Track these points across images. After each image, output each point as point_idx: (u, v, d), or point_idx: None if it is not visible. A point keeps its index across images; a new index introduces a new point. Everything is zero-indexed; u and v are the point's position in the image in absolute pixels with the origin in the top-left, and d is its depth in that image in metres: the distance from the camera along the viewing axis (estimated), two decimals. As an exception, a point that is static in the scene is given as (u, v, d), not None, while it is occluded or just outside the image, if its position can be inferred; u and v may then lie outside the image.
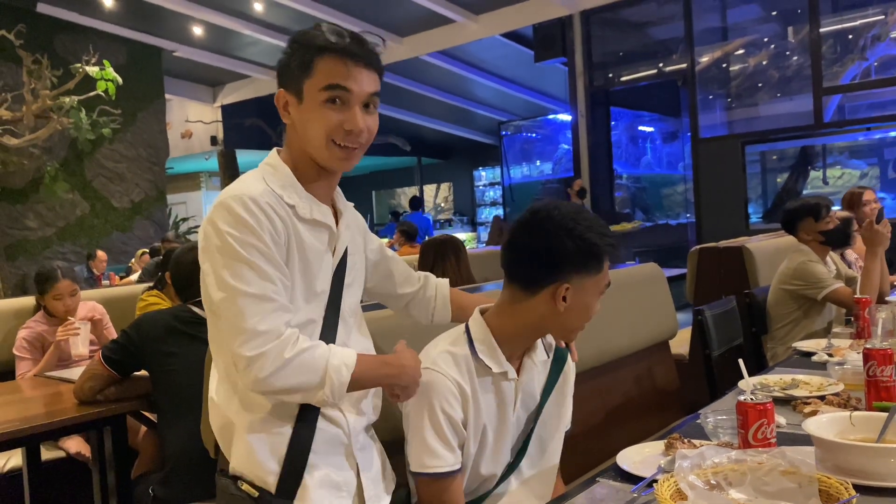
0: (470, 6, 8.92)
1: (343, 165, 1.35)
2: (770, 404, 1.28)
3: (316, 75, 1.29)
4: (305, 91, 1.31)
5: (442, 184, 16.98)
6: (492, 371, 1.46)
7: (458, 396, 1.43)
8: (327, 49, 1.29)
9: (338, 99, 1.30)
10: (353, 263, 1.45)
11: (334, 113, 1.30)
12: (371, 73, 1.32)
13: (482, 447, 1.48)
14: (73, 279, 3.26)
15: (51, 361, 3.10)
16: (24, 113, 7.35)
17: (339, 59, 1.29)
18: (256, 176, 1.34)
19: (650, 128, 12.60)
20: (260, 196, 1.27)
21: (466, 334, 1.49)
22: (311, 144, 1.33)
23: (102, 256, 8.02)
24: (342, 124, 1.30)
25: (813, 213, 3.23)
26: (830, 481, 1.08)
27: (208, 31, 9.89)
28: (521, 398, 1.53)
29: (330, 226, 1.37)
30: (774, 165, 9.91)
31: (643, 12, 8.59)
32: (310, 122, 1.31)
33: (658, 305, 2.92)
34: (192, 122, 12.70)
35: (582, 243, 1.41)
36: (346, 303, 1.42)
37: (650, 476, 1.32)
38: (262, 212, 1.25)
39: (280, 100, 1.35)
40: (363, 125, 1.32)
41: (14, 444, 2.31)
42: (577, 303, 1.45)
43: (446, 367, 1.43)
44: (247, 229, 1.24)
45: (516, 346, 1.51)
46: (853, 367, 1.91)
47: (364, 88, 1.31)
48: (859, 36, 7.62)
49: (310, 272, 1.33)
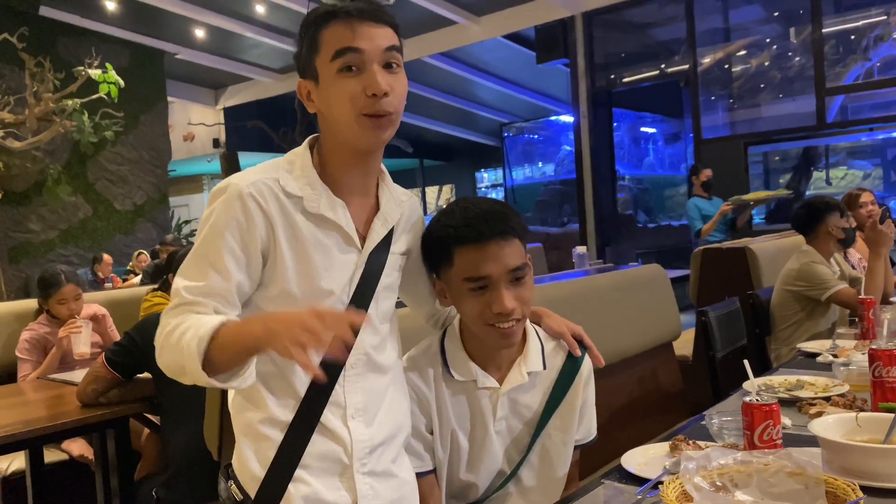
0: (472, 8, 8.92)
1: (376, 138, 1.22)
2: (776, 405, 1.27)
3: (324, 47, 1.20)
4: (319, 68, 1.21)
5: (444, 186, 16.98)
6: (456, 379, 1.44)
7: (417, 399, 1.42)
8: (329, 16, 1.20)
9: (352, 65, 1.18)
10: (394, 263, 1.33)
11: (353, 80, 1.18)
12: (382, 27, 1.21)
13: (455, 453, 1.46)
14: (76, 283, 3.26)
15: (53, 363, 3.09)
16: (26, 116, 7.36)
17: (344, 23, 1.19)
18: (274, 163, 1.26)
19: (652, 129, 12.60)
20: (248, 187, 1.19)
21: (440, 341, 1.48)
22: (338, 125, 1.21)
23: (108, 260, 8.01)
24: (364, 90, 1.17)
25: (840, 209, 3.27)
26: (837, 483, 1.08)
27: (210, 33, 9.90)
28: (509, 407, 1.47)
29: (341, 225, 1.25)
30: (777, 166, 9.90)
31: (645, 13, 8.59)
32: (331, 100, 1.20)
33: (662, 307, 2.91)
34: (195, 124, 12.71)
35: (428, 238, 1.41)
36: (376, 307, 1.30)
37: (655, 478, 1.31)
38: (240, 205, 1.18)
39: (302, 91, 1.26)
40: (386, 86, 1.18)
41: (17, 446, 2.31)
42: (454, 297, 1.41)
43: (407, 371, 1.42)
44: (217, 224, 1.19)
45: (485, 351, 1.45)
46: (858, 367, 1.90)
47: (378, 44, 1.19)
48: (862, 36, 7.61)
49: (310, 268, 1.23)
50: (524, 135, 13.97)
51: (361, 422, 1.28)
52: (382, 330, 1.33)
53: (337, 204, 1.25)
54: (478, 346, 1.45)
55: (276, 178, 1.22)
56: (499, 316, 1.33)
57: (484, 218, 1.35)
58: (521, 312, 1.36)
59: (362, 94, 1.17)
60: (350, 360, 1.26)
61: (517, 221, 1.39)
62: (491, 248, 1.33)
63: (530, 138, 14.00)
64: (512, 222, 1.37)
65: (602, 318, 2.53)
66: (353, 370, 1.27)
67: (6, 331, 3.43)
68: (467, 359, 1.44)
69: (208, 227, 1.20)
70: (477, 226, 1.34)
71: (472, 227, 1.34)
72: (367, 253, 1.27)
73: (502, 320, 1.34)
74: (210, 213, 1.21)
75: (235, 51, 10.78)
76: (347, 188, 1.27)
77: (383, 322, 1.33)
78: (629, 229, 10.61)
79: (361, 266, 1.27)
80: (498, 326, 1.35)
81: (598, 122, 8.61)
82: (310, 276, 1.23)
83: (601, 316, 2.53)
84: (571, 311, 1.68)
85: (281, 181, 1.22)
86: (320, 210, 1.23)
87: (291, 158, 1.27)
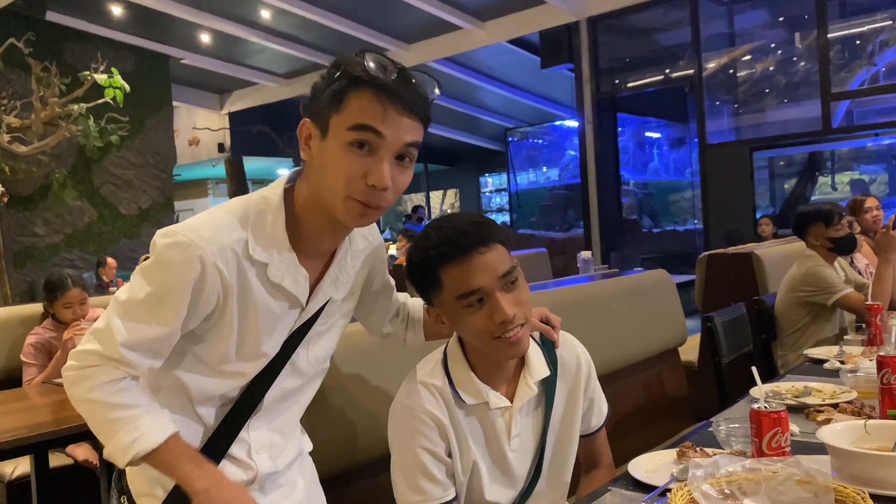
0: (477, 13, 8.94)
1: (357, 223, 1.16)
2: (784, 412, 1.26)
3: (346, 110, 1.10)
4: (332, 126, 1.11)
5: (448, 190, 16.99)
6: (467, 403, 1.39)
7: (436, 428, 1.37)
8: (365, 82, 1.09)
9: (366, 143, 1.09)
10: (332, 311, 1.30)
11: (360, 160, 1.10)
12: (413, 120, 1.12)
13: (476, 477, 1.41)
14: (82, 287, 3.26)
15: (58, 366, 3.08)
16: (32, 120, 7.39)
17: (376, 97, 1.09)
18: (242, 216, 1.17)
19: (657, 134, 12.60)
20: (212, 256, 1.11)
21: (443, 363, 1.42)
22: (325, 191, 1.14)
23: (113, 264, 8.04)
24: (365, 176, 1.10)
25: (825, 218, 3.21)
26: (847, 491, 1.07)
27: (216, 38, 9.94)
28: (522, 423, 1.43)
29: (297, 296, 1.21)
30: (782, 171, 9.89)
31: (650, 18, 8.59)
32: (329, 165, 1.12)
33: (667, 312, 2.90)
34: (200, 129, 12.75)
35: (411, 268, 1.38)
36: (306, 355, 1.29)
37: (663, 485, 1.31)
38: (200, 270, 1.11)
39: (303, 131, 1.16)
40: (389, 182, 1.11)
41: (22, 451, 2.30)
42: (453, 321, 1.37)
43: (421, 401, 1.37)
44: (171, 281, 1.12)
45: (493, 368, 1.41)
46: (866, 374, 1.89)
47: (401, 136, 1.11)
48: (867, 41, 7.61)
49: (254, 334, 1.19)
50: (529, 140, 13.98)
51: (267, 456, 1.29)
52: (309, 372, 1.32)
53: (300, 275, 1.20)
54: (483, 364, 1.40)
55: (245, 241, 1.15)
56: (503, 325, 1.30)
57: (461, 232, 1.31)
58: (522, 316, 1.32)
59: (362, 177, 1.10)
60: (264, 405, 1.27)
61: (494, 227, 1.35)
62: (475, 260, 1.29)
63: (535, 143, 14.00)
64: (490, 229, 1.33)
65: (607, 324, 2.52)
66: (263, 412, 1.28)
67: (12, 335, 3.43)
68: (475, 379, 1.39)
69: (162, 285, 1.13)
70: (456, 241, 1.30)
71: (451, 243, 1.30)
72: (309, 314, 1.26)
73: (507, 329, 1.31)
74: (165, 266, 1.13)
75: (241, 56, 10.81)
76: (313, 248, 1.23)
77: (314, 365, 1.32)
78: (634, 234, 10.59)
79: (296, 325, 1.25)
80: (505, 337, 1.31)
81: (603, 127, 8.61)
82: (251, 340, 1.20)
83: (606, 321, 2.52)
84: (576, 316, 1.67)
85: (249, 246, 1.16)
86: (282, 282, 1.19)
87: (264, 208, 1.18)
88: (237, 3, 8.90)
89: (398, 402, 1.40)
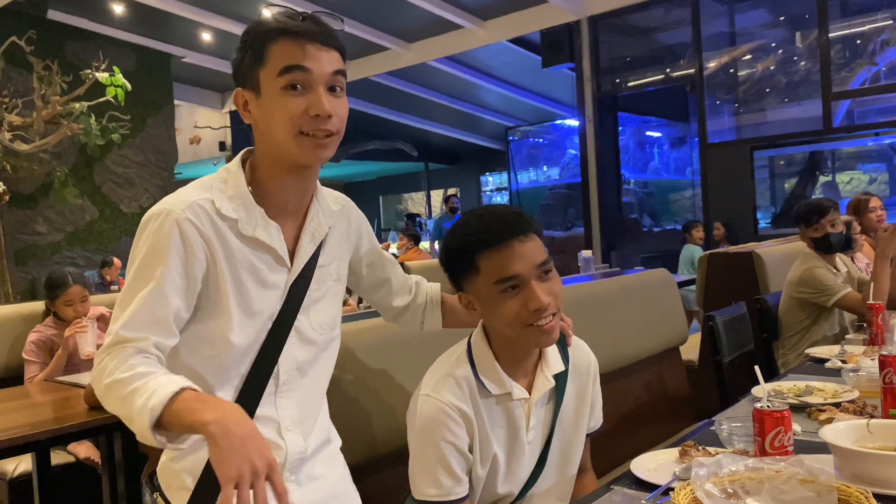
0: (477, 12, 8.93)
1: (315, 157, 1.22)
2: (787, 412, 1.26)
3: (270, 61, 1.18)
4: (262, 81, 1.20)
5: (449, 189, 16.99)
6: (493, 393, 1.41)
7: (461, 423, 1.38)
8: (279, 32, 1.19)
9: (298, 83, 1.18)
10: (323, 277, 1.34)
11: (296, 99, 1.18)
12: (330, 51, 1.21)
13: (494, 470, 1.43)
14: (83, 285, 3.26)
15: (59, 364, 3.10)
16: (34, 119, 7.39)
17: (294, 41, 1.18)
18: (206, 182, 1.25)
19: (658, 133, 12.59)
20: (183, 212, 1.18)
21: (468, 353, 1.45)
22: (276, 140, 1.20)
23: (118, 264, 8.03)
24: (307, 110, 1.18)
25: (804, 219, 3.19)
26: (850, 490, 1.07)
27: (217, 37, 9.93)
28: (538, 415, 1.47)
29: (273, 248, 1.26)
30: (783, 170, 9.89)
31: (651, 17, 8.58)
32: (272, 115, 1.19)
33: (668, 311, 2.91)
34: (201, 127, 12.74)
35: (448, 253, 1.43)
36: (308, 321, 1.31)
37: (665, 484, 1.31)
38: (178, 231, 1.17)
39: (238, 99, 1.24)
40: (330, 108, 1.19)
41: (23, 449, 2.30)
42: (486, 308, 1.41)
43: (447, 394, 1.38)
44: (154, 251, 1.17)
45: (517, 360, 1.45)
46: (868, 373, 1.89)
47: (325, 68, 1.19)
48: (868, 41, 7.60)
49: (245, 294, 1.23)
50: (529, 139, 13.97)
51: (298, 433, 1.31)
52: (318, 341, 1.34)
53: (271, 226, 1.25)
54: (507, 355, 1.43)
55: (211, 199, 1.22)
56: (536, 313, 1.33)
57: (502, 220, 1.37)
58: (555, 306, 1.37)
59: (305, 113, 1.18)
60: (282, 378, 1.29)
61: (532, 219, 1.41)
62: (515, 248, 1.35)
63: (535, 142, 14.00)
64: (528, 220, 1.40)
65: (608, 323, 2.52)
66: (286, 386, 1.30)
67: (13, 333, 3.44)
68: (500, 369, 1.42)
69: (144, 256, 1.18)
70: (497, 228, 1.36)
71: (493, 230, 1.36)
72: (297, 271, 1.29)
73: (540, 317, 1.34)
74: (145, 241, 1.19)
75: (241, 54, 10.80)
76: (280, 205, 1.27)
77: (322, 332, 1.34)
78: (634, 233, 10.59)
79: (289, 284, 1.29)
80: (537, 325, 1.35)
81: (604, 126, 8.61)
82: (245, 299, 1.24)
83: (607, 320, 2.53)
84: (577, 315, 1.67)
85: (216, 202, 1.21)
86: (254, 233, 1.23)
87: (224, 176, 1.26)
88: (238, 1, 8.89)
89: (422, 394, 1.40)
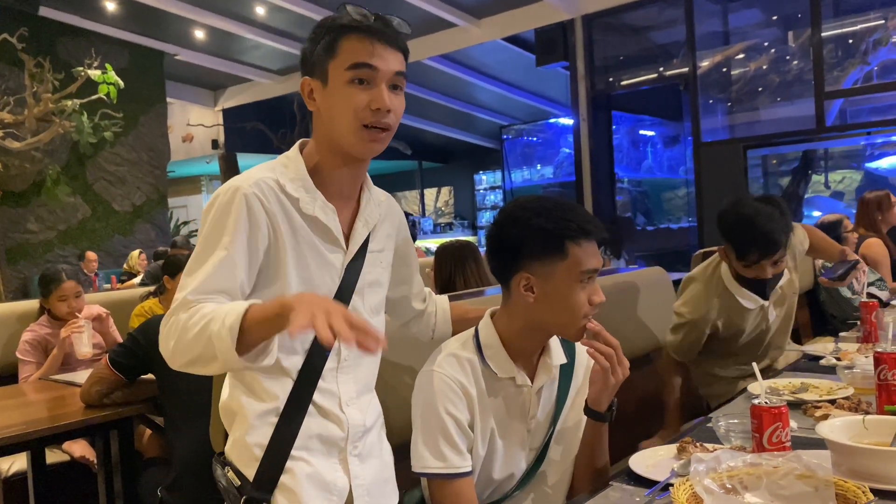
0: (472, 10, 8.93)
1: (370, 149, 1.30)
2: (784, 408, 1.28)
3: (341, 55, 1.27)
4: (330, 72, 1.28)
5: (443, 188, 16.98)
6: (499, 376, 1.47)
7: (463, 397, 1.43)
8: (352, 28, 1.27)
9: (364, 79, 1.26)
10: (374, 261, 1.40)
11: (361, 93, 1.26)
12: (396, 52, 1.30)
13: (491, 452, 1.47)
14: (77, 281, 3.26)
15: (55, 363, 3.09)
16: (25, 116, 7.36)
17: (365, 38, 1.26)
18: (269, 165, 1.33)
19: (651, 132, 12.60)
20: (251, 187, 1.24)
21: (475, 338, 1.50)
22: (338, 129, 1.29)
23: (92, 257, 8.10)
24: (369, 104, 1.26)
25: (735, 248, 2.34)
26: (847, 485, 1.08)
27: (210, 34, 9.89)
28: (541, 404, 1.52)
29: (330, 228, 1.32)
30: (776, 169, 9.93)
31: (645, 16, 8.59)
32: (336, 105, 1.28)
33: (663, 309, 2.91)
34: (194, 125, 12.70)
35: (530, 231, 1.44)
36: (362, 302, 1.37)
37: (664, 480, 1.32)
38: (245, 205, 1.23)
39: (305, 88, 1.32)
40: (390, 104, 1.28)
41: (18, 447, 2.30)
42: (549, 293, 1.44)
43: (450, 368, 1.44)
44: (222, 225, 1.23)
45: (525, 349, 1.51)
46: (863, 370, 1.90)
47: (390, 67, 1.28)
48: (861, 40, 7.63)
49: (306, 268, 1.30)
50: (523, 137, 13.97)
51: (356, 408, 1.37)
52: (373, 322, 1.39)
53: (328, 208, 1.32)
54: (514, 345, 1.49)
55: (276, 178, 1.29)
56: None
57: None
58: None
59: (367, 107, 1.26)
60: (343, 354, 1.35)
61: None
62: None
63: (529, 141, 14.00)
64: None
65: (604, 321, 2.51)
66: (346, 363, 1.36)
67: (7, 332, 3.43)
68: (506, 355, 1.48)
69: (212, 228, 1.24)
70: (593, 224, 1.45)
71: (590, 224, 1.44)
72: (352, 253, 1.36)
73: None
74: (214, 215, 1.25)
75: (235, 52, 10.77)
76: (336, 191, 1.34)
77: (372, 315, 1.40)
78: (628, 232, 10.62)
79: (345, 265, 1.35)
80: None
81: (598, 124, 8.61)
82: (306, 273, 1.30)
83: (603, 318, 2.51)
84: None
85: (280, 181, 1.29)
86: (315, 212, 1.30)
87: (285, 161, 1.34)
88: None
89: (425, 369, 1.46)
